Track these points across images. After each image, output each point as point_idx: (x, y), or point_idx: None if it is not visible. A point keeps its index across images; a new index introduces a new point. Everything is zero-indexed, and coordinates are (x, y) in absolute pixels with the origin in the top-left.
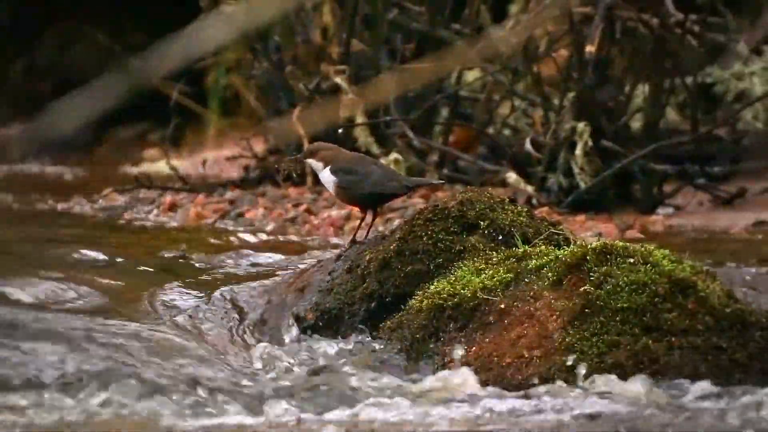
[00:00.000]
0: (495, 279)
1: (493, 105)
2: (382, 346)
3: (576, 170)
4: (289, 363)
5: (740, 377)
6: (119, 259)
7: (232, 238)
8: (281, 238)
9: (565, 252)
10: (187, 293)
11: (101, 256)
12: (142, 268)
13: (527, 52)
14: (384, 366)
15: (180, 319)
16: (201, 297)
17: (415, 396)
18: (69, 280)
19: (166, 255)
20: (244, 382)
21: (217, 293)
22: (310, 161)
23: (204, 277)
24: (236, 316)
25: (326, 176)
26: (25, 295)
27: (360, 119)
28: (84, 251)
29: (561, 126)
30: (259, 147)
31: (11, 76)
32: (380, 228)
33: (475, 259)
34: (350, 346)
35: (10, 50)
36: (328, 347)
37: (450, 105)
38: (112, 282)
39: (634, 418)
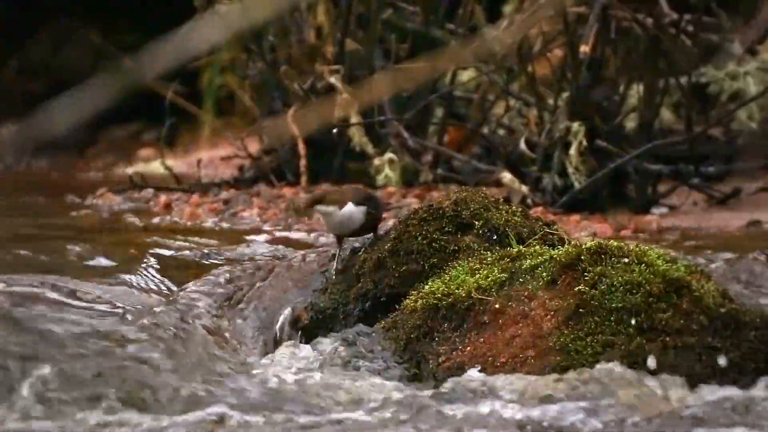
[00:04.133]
0: (489, 279)
1: (488, 105)
2: (376, 346)
3: (570, 170)
4: (284, 363)
5: (734, 377)
6: (112, 259)
7: (226, 238)
8: (276, 237)
9: (560, 252)
10: (180, 293)
11: (94, 256)
12: (134, 267)
13: (521, 51)
14: (378, 366)
15: (173, 318)
16: (194, 296)
17: (411, 396)
18: (61, 279)
19: (159, 255)
20: (238, 382)
21: (210, 293)
22: (319, 207)
23: (197, 276)
24: (230, 315)
25: (351, 211)
26: (17, 294)
27: (354, 119)
28: (77, 251)
29: (555, 126)
30: (254, 147)
31: (4, 75)
32: None
33: (470, 258)
34: (345, 346)
35: (2, 50)
36: (322, 347)
37: (444, 105)
38: (105, 282)
39: (627, 418)
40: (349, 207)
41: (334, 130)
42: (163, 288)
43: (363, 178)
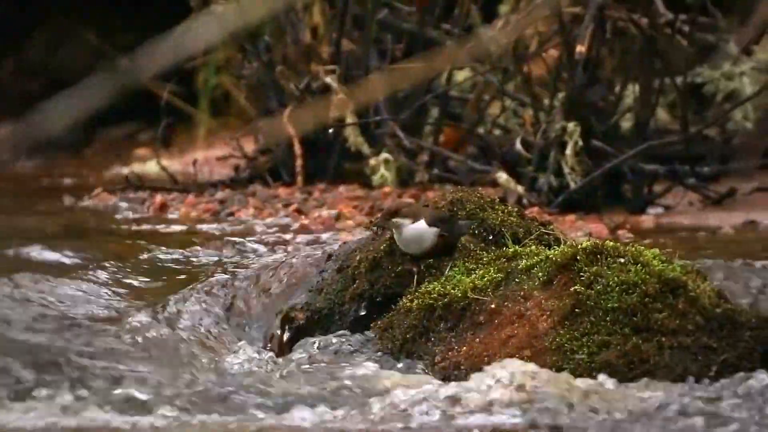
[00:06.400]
0: (485, 279)
1: (483, 105)
2: (372, 346)
3: (566, 170)
4: (279, 363)
5: (730, 377)
6: (107, 259)
7: (221, 238)
8: (271, 237)
9: (556, 252)
10: (175, 292)
11: (90, 256)
12: (130, 267)
13: (517, 52)
14: (374, 366)
15: (168, 318)
16: (190, 296)
17: (407, 396)
18: (58, 279)
19: (155, 255)
20: (233, 382)
21: (206, 292)
22: (395, 220)
23: (193, 276)
24: (226, 315)
25: (420, 230)
26: (13, 294)
27: (350, 119)
28: (73, 251)
29: (551, 126)
30: (250, 147)
31: (1, 75)
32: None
33: (466, 258)
34: (340, 347)
35: None
36: (318, 347)
37: (440, 105)
38: (101, 282)
39: (624, 419)
40: (419, 225)
41: (330, 130)
42: (157, 288)
43: (359, 178)
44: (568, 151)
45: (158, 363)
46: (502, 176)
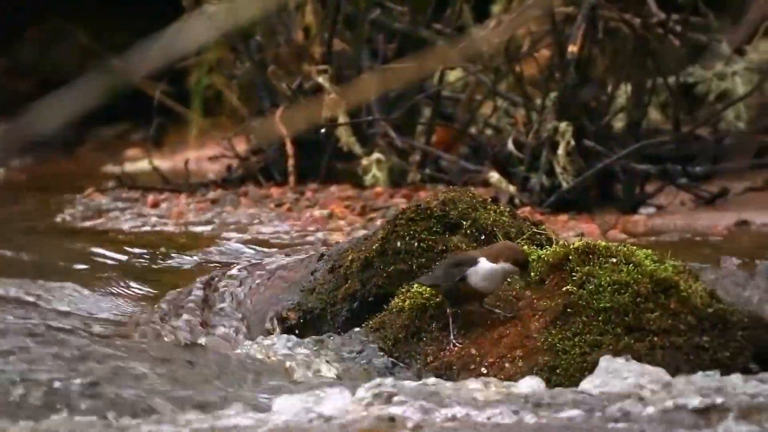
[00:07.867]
0: None
1: (475, 105)
2: (364, 346)
3: (558, 170)
4: (270, 363)
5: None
6: (100, 258)
7: (213, 238)
8: (263, 237)
9: (548, 252)
10: (165, 293)
11: (83, 255)
12: (122, 267)
13: (509, 51)
14: (366, 366)
15: (162, 317)
16: (183, 296)
17: (400, 395)
18: (52, 279)
19: (146, 254)
20: (225, 381)
21: (198, 292)
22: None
23: (185, 276)
24: (218, 315)
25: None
26: (7, 295)
27: (342, 119)
28: (64, 251)
29: (543, 126)
30: (242, 147)
31: None
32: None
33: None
34: (332, 346)
35: None
36: (310, 347)
37: (432, 105)
38: (94, 282)
39: (616, 418)
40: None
41: (322, 130)
42: (148, 287)
43: (351, 178)
44: (560, 150)
45: (149, 362)
46: (494, 176)
